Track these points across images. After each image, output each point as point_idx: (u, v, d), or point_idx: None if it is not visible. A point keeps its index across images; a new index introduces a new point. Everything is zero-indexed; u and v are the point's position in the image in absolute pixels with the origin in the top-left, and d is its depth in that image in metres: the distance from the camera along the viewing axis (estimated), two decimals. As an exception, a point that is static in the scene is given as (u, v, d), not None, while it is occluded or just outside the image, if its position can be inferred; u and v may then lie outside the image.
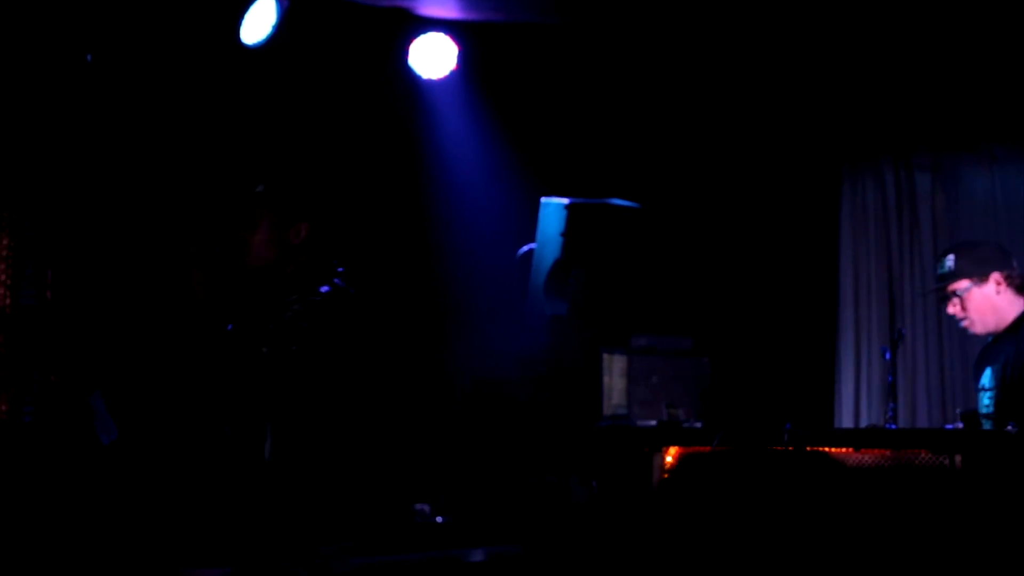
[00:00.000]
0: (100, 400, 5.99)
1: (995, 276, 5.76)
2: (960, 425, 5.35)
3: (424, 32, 7.04)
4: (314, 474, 5.22)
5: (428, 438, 7.32)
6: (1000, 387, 5.65)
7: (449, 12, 6.99)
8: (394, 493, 6.97)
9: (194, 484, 6.11)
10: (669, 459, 5.94)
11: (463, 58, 7.10)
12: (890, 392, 5.76)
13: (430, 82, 7.15)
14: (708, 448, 5.77)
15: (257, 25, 6.43)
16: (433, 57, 7.07)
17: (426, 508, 6.82)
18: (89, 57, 5.99)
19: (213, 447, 5.27)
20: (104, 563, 5.73)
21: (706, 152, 7.87)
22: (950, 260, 5.84)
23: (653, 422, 6.10)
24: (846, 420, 7.94)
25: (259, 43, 6.45)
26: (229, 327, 4.79)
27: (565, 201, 6.37)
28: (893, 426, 5.66)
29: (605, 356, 6.24)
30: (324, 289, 4.81)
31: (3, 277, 5.79)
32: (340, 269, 4.96)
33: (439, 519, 6.77)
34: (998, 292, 5.76)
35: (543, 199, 6.47)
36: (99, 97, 6.10)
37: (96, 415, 5.96)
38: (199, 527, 5.93)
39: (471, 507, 6.93)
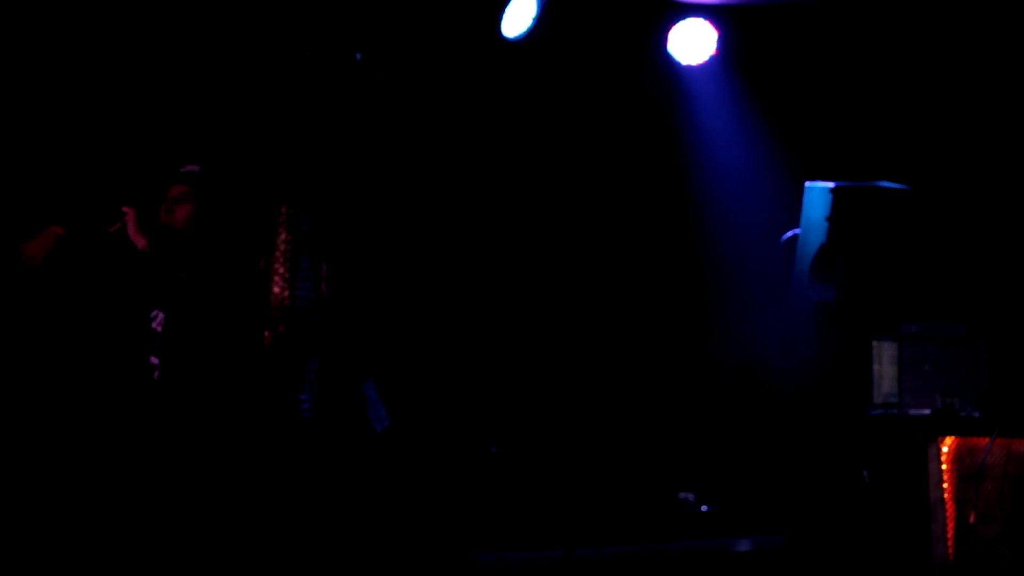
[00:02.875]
0: (373, 388, 6.18)
1: None
2: None
3: (683, 18, 6.99)
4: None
5: (692, 425, 7.29)
6: None
7: (708, -4, 6.94)
8: (658, 481, 6.97)
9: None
10: (945, 449, 5.76)
11: (722, 43, 7.02)
12: None
13: (690, 68, 7.10)
14: (987, 439, 5.57)
15: (518, 19, 6.51)
16: (692, 43, 7.02)
17: (690, 496, 6.80)
18: (359, 56, 6.18)
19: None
20: (392, 544, 5.90)
21: (979, 128, 7.55)
22: None
23: (927, 411, 5.93)
24: None
25: (520, 36, 6.53)
26: None
27: (831, 185, 6.25)
28: None
29: (875, 343, 6.10)
30: None
31: (282, 271, 6.04)
32: None
33: (704, 508, 6.74)
34: None
35: (807, 183, 6.35)
36: (370, 95, 6.29)
37: (370, 403, 6.15)
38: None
39: (737, 496, 6.86)
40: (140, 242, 4.95)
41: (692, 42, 7.01)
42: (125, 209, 5.00)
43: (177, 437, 4.94)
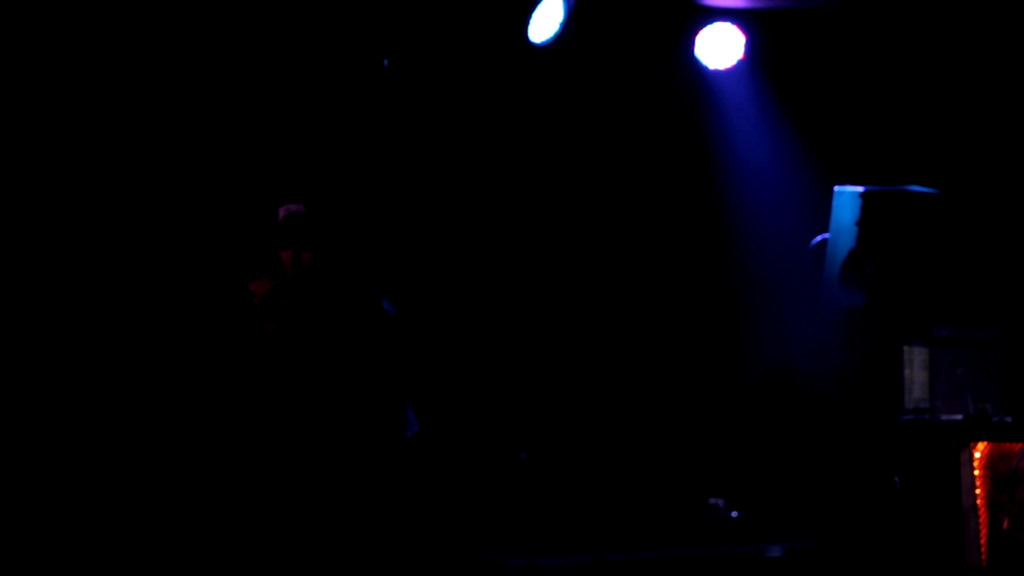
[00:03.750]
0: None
1: None
2: None
3: (710, 22, 6.98)
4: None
5: (722, 431, 7.27)
6: None
7: (735, 1, 6.91)
8: (689, 487, 6.95)
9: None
10: (978, 455, 5.73)
11: (750, 47, 7.01)
12: None
13: (717, 72, 7.09)
14: (1020, 444, 5.54)
15: (545, 24, 6.51)
16: (720, 47, 7.01)
17: (721, 502, 6.78)
18: (387, 62, 6.19)
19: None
20: (403, 548, 5.91)
21: (1009, 132, 7.51)
22: None
23: (959, 416, 5.90)
24: None
25: (547, 42, 6.53)
26: None
27: (860, 189, 6.23)
28: None
29: (905, 348, 6.08)
30: None
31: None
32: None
33: (734, 514, 6.72)
34: None
35: (836, 187, 6.33)
36: (397, 99, 6.30)
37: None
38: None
39: (767, 501, 6.84)
40: (269, 326, 4.95)
41: (719, 46, 7.01)
42: (252, 288, 5.01)
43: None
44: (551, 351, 6.85)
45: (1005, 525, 5.69)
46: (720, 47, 7.01)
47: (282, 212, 4.99)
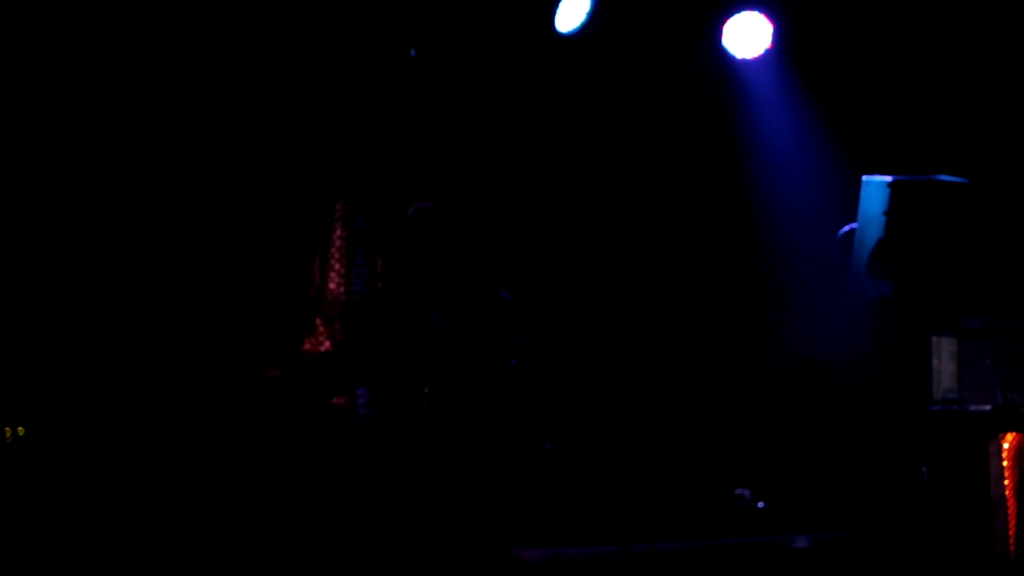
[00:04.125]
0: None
1: None
2: None
3: (738, 11, 6.96)
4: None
5: (749, 421, 7.26)
6: None
7: (763, -10, 6.91)
8: (715, 477, 6.94)
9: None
10: (1006, 445, 5.70)
11: (778, 36, 6.98)
12: None
13: (745, 62, 7.07)
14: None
15: (572, 13, 6.51)
16: (747, 36, 6.99)
17: (747, 493, 6.76)
18: (413, 52, 6.20)
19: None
20: (428, 539, 5.93)
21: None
22: None
23: (987, 407, 5.87)
24: None
25: (574, 31, 6.52)
26: None
27: (888, 179, 6.20)
28: None
29: (934, 339, 6.05)
30: None
31: (338, 267, 6.06)
32: None
33: (760, 504, 6.70)
34: None
35: (865, 177, 6.30)
36: (425, 91, 6.31)
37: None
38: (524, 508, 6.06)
39: (794, 492, 6.83)
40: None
41: (747, 35, 6.99)
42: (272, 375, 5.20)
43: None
44: (579, 342, 6.85)
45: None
46: (748, 36, 6.99)
47: (411, 209, 5.38)
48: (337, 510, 5.42)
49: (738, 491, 6.79)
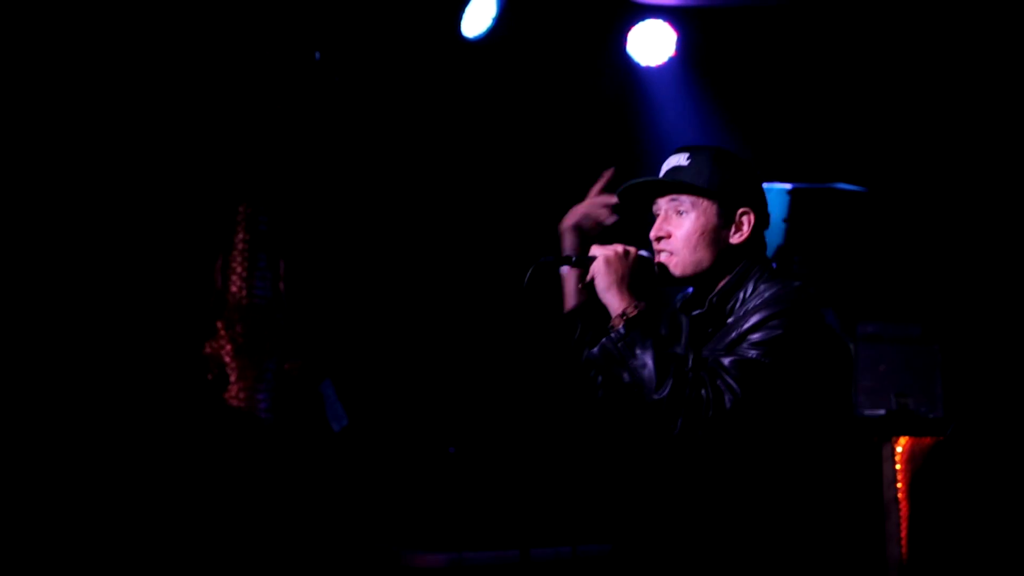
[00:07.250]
0: (331, 388, 6.17)
1: None
2: None
3: (642, 19, 7.01)
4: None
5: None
6: None
7: (667, -2, 6.96)
8: (615, 481, 6.98)
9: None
10: (899, 449, 5.80)
11: (681, 44, 7.05)
12: None
13: (649, 69, 7.12)
14: (941, 438, 5.61)
15: (478, 18, 6.51)
16: (651, 44, 7.04)
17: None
18: (318, 55, 6.17)
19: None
20: (329, 544, 5.91)
21: (934, 130, 7.61)
22: None
23: (882, 411, 5.97)
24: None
25: (480, 36, 6.53)
26: None
27: (788, 186, 6.27)
28: None
29: (831, 344, 6.12)
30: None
31: (240, 270, 6.02)
32: None
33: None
34: None
35: (765, 184, 6.36)
36: (328, 94, 6.28)
37: (327, 402, 6.14)
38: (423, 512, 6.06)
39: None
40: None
41: (651, 43, 7.03)
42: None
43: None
44: (482, 345, 6.86)
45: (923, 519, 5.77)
46: (652, 44, 7.04)
47: None
48: (231, 512, 5.39)
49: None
